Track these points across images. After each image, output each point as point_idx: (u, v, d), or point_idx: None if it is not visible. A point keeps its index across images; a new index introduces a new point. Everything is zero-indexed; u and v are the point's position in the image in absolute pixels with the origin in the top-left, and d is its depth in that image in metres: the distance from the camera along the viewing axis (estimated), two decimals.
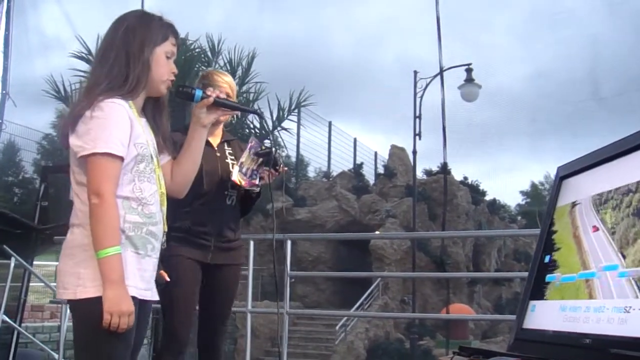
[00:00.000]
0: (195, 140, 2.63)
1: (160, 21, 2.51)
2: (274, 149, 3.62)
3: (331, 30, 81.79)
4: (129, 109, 2.36)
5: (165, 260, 3.34)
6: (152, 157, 2.42)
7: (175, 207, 3.32)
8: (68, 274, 2.29)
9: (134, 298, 2.28)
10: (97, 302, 2.18)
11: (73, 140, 2.30)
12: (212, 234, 3.50)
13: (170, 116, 2.65)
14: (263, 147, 3.53)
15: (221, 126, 3.70)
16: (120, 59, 2.39)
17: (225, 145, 3.70)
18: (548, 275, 2.06)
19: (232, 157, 3.65)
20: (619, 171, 1.87)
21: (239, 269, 3.78)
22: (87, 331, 2.27)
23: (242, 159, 3.53)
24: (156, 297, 2.52)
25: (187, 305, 3.46)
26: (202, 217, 3.46)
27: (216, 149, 3.62)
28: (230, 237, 3.61)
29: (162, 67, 2.46)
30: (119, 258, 2.21)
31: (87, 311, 2.23)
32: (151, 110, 2.55)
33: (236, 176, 3.49)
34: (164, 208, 2.50)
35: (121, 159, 2.28)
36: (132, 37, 2.41)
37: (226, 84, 3.55)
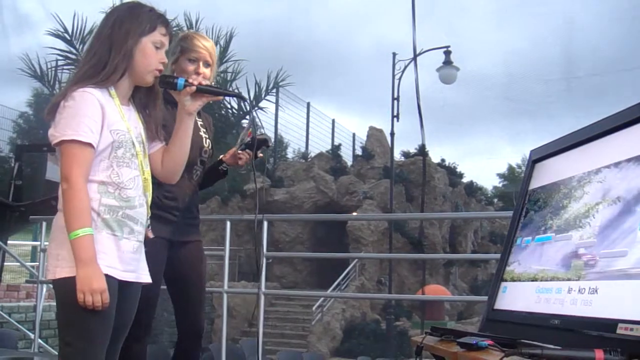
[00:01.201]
0: (182, 128, 2.65)
1: (151, 12, 2.54)
2: (267, 137, 3.50)
3: (310, 11, 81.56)
4: (106, 97, 2.41)
5: None
6: (133, 143, 2.46)
7: None
8: (51, 256, 2.38)
9: (112, 277, 2.33)
10: (72, 281, 2.24)
11: (50, 130, 2.39)
12: (180, 209, 3.33)
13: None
14: (249, 133, 3.48)
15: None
16: (103, 48, 2.45)
17: (196, 116, 3.30)
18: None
19: (204, 130, 3.51)
20: (589, 155, 1.90)
21: (201, 245, 3.60)
22: (66, 309, 2.33)
23: (239, 141, 3.51)
24: (143, 280, 2.56)
25: (153, 287, 3.09)
26: (174, 191, 3.26)
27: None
28: (195, 213, 3.49)
29: (148, 56, 2.49)
30: (89, 238, 2.27)
31: (65, 290, 2.29)
32: (143, 99, 2.61)
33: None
34: (148, 193, 2.54)
35: (90, 145, 2.33)
36: (119, 27, 2.46)
37: (205, 49, 3.40)
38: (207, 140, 3.48)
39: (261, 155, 3.57)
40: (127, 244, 2.44)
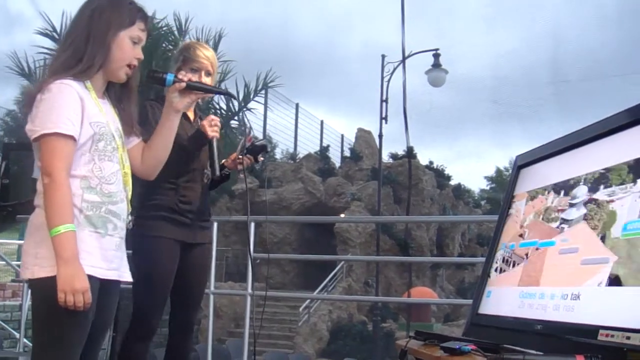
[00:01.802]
0: (168, 125, 2.61)
1: (131, 5, 2.46)
2: (265, 143, 3.58)
3: (299, 12, 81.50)
4: (83, 90, 2.33)
5: (145, 240, 3.30)
6: (113, 136, 2.39)
7: (159, 182, 3.28)
8: (28, 254, 2.29)
9: (92, 277, 2.24)
10: (53, 281, 2.16)
11: (27, 125, 2.30)
12: (194, 212, 3.43)
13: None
14: (249, 138, 3.51)
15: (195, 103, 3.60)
16: (80, 39, 2.36)
17: (199, 120, 3.58)
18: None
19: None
20: (575, 162, 1.91)
21: (210, 248, 3.81)
22: (43, 310, 2.25)
23: (240, 146, 3.53)
24: (125, 278, 2.49)
25: (164, 290, 3.36)
26: (189, 195, 3.40)
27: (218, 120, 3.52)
28: (206, 216, 3.58)
29: (125, 51, 2.42)
30: (71, 236, 2.18)
31: (44, 290, 2.21)
32: (117, 93, 2.52)
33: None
34: (128, 187, 2.47)
35: (72, 137, 2.25)
36: (98, 18, 2.38)
37: (206, 59, 3.45)
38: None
39: (262, 159, 3.59)
40: (110, 241, 2.36)
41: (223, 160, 3.57)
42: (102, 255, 2.34)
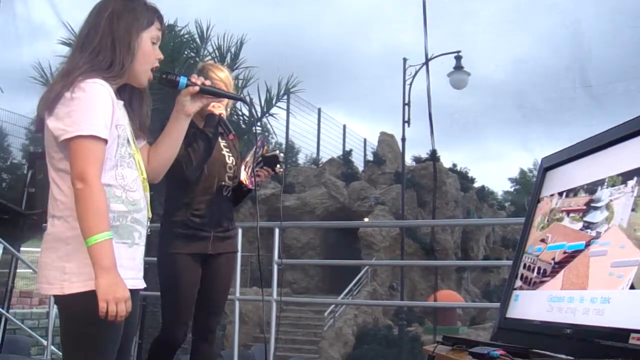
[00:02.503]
0: (177, 128, 2.55)
1: (145, 5, 2.41)
2: (279, 153, 3.66)
3: (320, 17, 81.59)
4: (111, 91, 2.25)
5: (165, 257, 3.46)
6: (129, 141, 2.33)
7: (174, 199, 3.41)
8: (52, 268, 2.19)
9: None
10: (84, 297, 2.09)
11: (53, 124, 2.17)
12: (211, 225, 3.54)
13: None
14: (266, 149, 3.63)
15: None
16: (106, 44, 2.29)
17: (219, 137, 3.69)
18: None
19: (227, 150, 3.71)
20: (601, 163, 1.89)
21: (234, 256, 3.85)
22: (74, 327, 2.19)
23: (247, 159, 3.64)
24: (144, 285, 2.43)
25: (187, 303, 3.49)
26: (202, 209, 3.51)
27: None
28: (227, 227, 3.65)
29: (147, 53, 2.37)
30: (110, 244, 2.09)
31: (74, 307, 2.15)
32: (128, 94, 2.45)
33: (243, 176, 3.63)
34: (147, 193, 2.40)
35: (105, 141, 2.17)
36: (117, 21, 2.31)
37: (220, 80, 3.53)
38: (231, 158, 3.68)
39: (281, 170, 3.69)
40: (137, 250, 2.31)
41: (241, 180, 3.65)
42: (132, 265, 2.28)
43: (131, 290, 2.23)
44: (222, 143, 3.70)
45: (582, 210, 1.89)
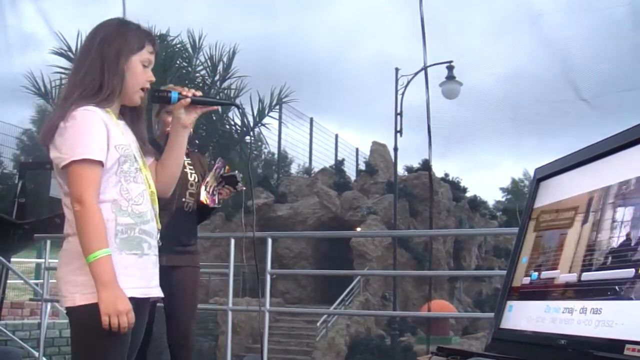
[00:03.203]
0: (178, 141, 2.65)
1: (138, 30, 2.51)
2: (237, 173, 3.92)
3: (312, 28, 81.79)
4: (104, 114, 2.37)
5: None
6: (135, 157, 2.44)
7: None
8: (65, 282, 2.32)
9: (133, 298, 2.29)
10: (94, 308, 2.20)
11: (53, 153, 2.33)
12: (167, 238, 3.62)
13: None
14: (227, 169, 3.88)
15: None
16: (95, 67, 2.40)
17: (184, 157, 3.89)
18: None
19: (191, 167, 3.97)
20: (595, 174, 1.89)
21: (195, 271, 4.05)
22: (84, 337, 2.30)
23: (208, 179, 3.89)
24: (160, 294, 2.56)
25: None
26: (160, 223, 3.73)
27: None
28: (185, 242, 3.90)
29: (138, 76, 2.47)
30: (108, 259, 2.22)
31: (85, 317, 2.25)
32: (129, 115, 2.57)
33: (203, 196, 3.86)
34: (156, 206, 2.53)
35: (100, 163, 2.30)
36: (108, 46, 2.42)
37: None
38: (193, 175, 3.94)
39: (243, 188, 3.99)
40: (148, 260, 2.42)
41: (201, 201, 3.89)
42: (142, 274, 2.40)
43: (143, 300, 2.41)
44: (187, 160, 3.93)
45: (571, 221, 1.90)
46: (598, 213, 1.80)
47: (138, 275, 2.37)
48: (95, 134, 2.31)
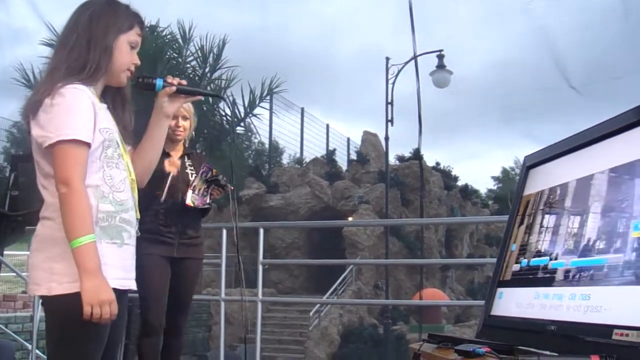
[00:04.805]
0: (158, 130, 2.55)
1: (127, 9, 2.43)
2: (220, 177, 4.11)
3: (303, 18, 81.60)
4: (91, 95, 2.28)
5: (138, 259, 3.60)
6: (118, 143, 2.35)
7: (144, 209, 3.59)
8: (40, 269, 2.20)
9: (115, 290, 2.18)
10: (72, 298, 2.10)
11: (36, 131, 2.21)
12: (176, 233, 4.11)
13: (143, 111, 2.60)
14: (213, 172, 4.09)
15: (182, 142, 4.28)
16: (81, 43, 2.30)
17: (186, 157, 4.27)
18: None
19: (192, 168, 4.23)
20: (583, 161, 1.91)
21: (199, 262, 4.35)
22: (61, 328, 2.20)
23: (195, 183, 4.11)
24: (134, 286, 2.44)
25: (160, 297, 4.04)
26: (167, 219, 4.07)
27: (178, 160, 4.18)
28: (192, 235, 4.19)
29: (124, 55, 2.38)
30: (94, 246, 2.11)
31: (63, 307, 2.15)
32: (111, 99, 2.46)
33: (190, 199, 4.08)
34: (135, 195, 2.42)
35: (88, 145, 2.19)
36: (97, 22, 2.33)
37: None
38: (194, 175, 4.19)
39: (231, 188, 4.21)
40: (127, 250, 2.33)
41: (188, 201, 4.12)
42: (122, 265, 2.30)
43: (120, 291, 2.26)
44: (188, 162, 4.25)
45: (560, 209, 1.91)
46: (586, 199, 1.82)
47: (117, 266, 2.26)
48: (84, 114, 2.21)
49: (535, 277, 1.95)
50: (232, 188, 4.19)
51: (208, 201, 4.17)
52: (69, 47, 2.31)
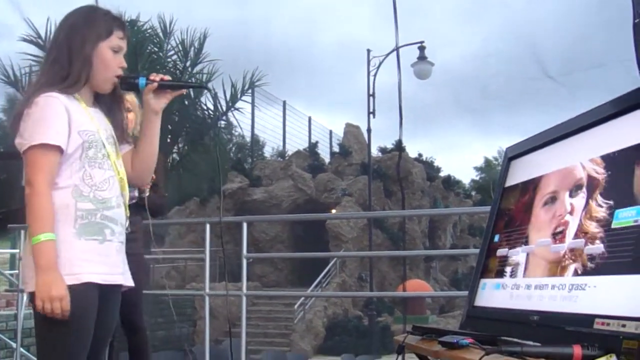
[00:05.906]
0: (150, 127, 2.61)
1: (106, 16, 2.49)
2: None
3: (284, 11, 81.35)
4: (70, 100, 2.36)
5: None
6: (104, 144, 2.41)
7: None
8: (27, 267, 2.31)
9: (92, 284, 2.27)
10: None
11: (17, 139, 2.34)
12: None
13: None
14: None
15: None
16: (62, 55, 2.40)
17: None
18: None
19: None
20: (564, 152, 1.93)
21: (139, 257, 4.17)
22: (43, 322, 2.26)
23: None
24: (128, 283, 2.53)
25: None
26: None
27: None
28: (130, 230, 4.10)
29: (107, 62, 2.45)
30: (50, 245, 2.20)
31: None
32: (107, 102, 2.55)
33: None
34: (125, 193, 2.50)
35: (58, 148, 2.29)
36: (74, 34, 2.41)
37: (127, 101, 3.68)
38: None
39: (167, 77, 4.20)
40: (110, 247, 2.38)
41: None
42: (103, 261, 2.36)
43: (105, 286, 2.35)
44: None
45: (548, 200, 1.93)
46: (565, 191, 1.83)
47: (97, 261, 2.33)
48: (55, 119, 2.30)
49: (518, 268, 1.96)
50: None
51: (136, 194, 4.06)
52: (51, 60, 2.43)
